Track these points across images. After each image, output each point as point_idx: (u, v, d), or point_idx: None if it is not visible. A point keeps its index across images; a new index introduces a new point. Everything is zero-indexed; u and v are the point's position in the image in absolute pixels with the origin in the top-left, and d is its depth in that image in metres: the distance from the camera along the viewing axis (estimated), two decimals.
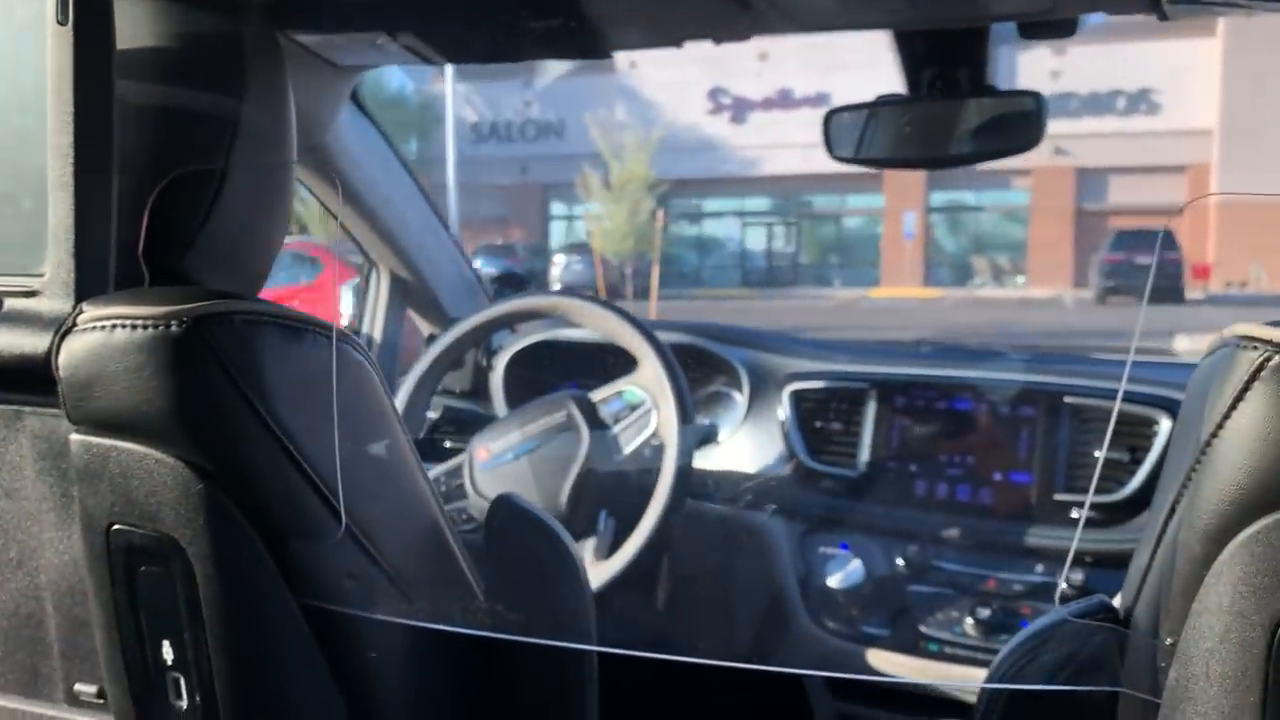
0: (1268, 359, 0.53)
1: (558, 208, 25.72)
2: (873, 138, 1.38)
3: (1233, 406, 0.54)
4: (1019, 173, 21.74)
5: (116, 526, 0.66)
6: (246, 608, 0.66)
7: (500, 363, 1.85)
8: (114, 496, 0.65)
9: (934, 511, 1.53)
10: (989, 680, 0.68)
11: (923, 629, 1.46)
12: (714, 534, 1.62)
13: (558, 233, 25.81)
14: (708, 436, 1.65)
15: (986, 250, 24.19)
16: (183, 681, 0.66)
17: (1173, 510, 0.59)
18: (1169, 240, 14.62)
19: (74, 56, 0.67)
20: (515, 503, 0.85)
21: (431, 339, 1.88)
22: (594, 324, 1.58)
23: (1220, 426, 0.55)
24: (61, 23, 0.67)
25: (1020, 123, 1.30)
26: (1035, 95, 1.29)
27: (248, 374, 0.64)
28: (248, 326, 0.65)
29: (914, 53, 1.29)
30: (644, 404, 1.49)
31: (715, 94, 22.99)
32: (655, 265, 16.85)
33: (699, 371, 1.76)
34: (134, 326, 0.63)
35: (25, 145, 0.70)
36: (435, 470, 1.65)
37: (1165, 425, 1.41)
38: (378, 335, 1.88)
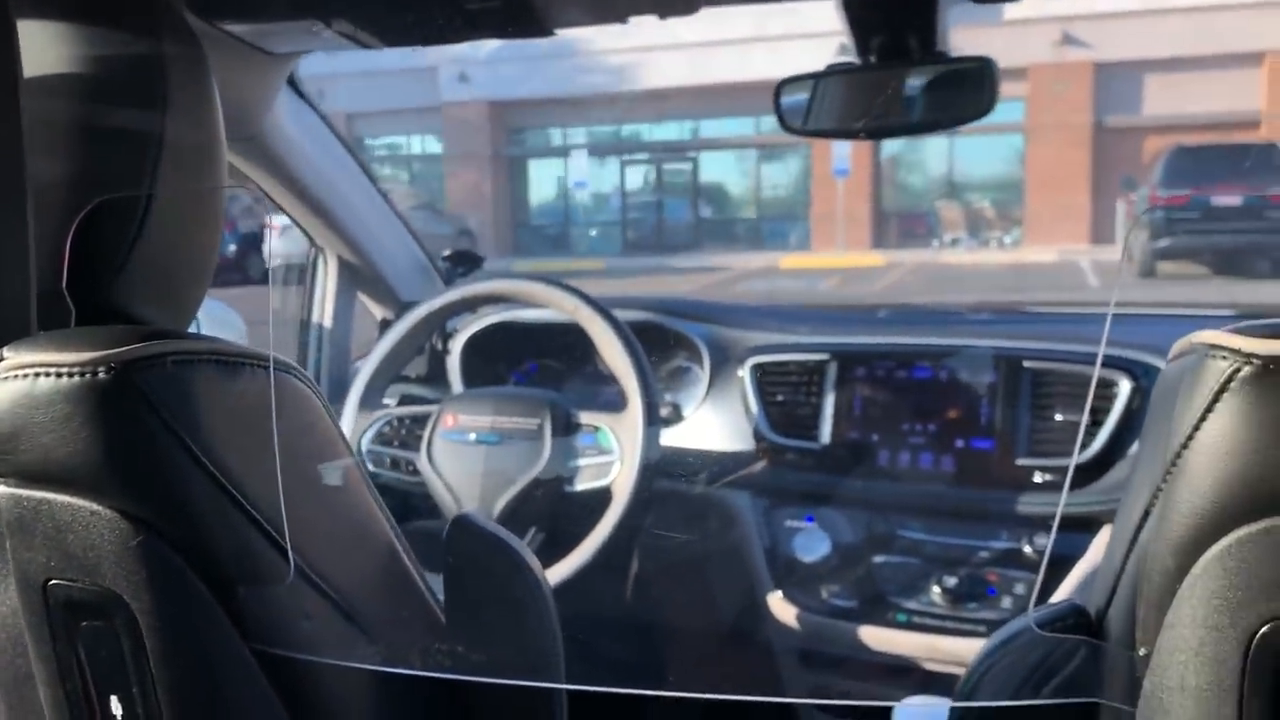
0: (1237, 369, 0.52)
1: None
2: (824, 108, 1.36)
3: (1202, 418, 0.53)
4: (1009, 74, 9.86)
5: (54, 582, 0.63)
6: (196, 659, 0.63)
7: (456, 346, 1.82)
8: (49, 551, 0.62)
9: (897, 481, 1.53)
10: (959, 695, 0.67)
11: (890, 599, 1.46)
12: (679, 512, 1.61)
13: None
14: (671, 417, 1.64)
15: (961, 193, 16.13)
16: None
17: (1144, 518, 0.59)
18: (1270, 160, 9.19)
19: None
20: (475, 523, 0.83)
21: (385, 324, 1.85)
22: (562, 311, 1.54)
23: (1190, 438, 0.54)
24: None
25: (971, 88, 1.29)
26: (986, 60, 1.27)
27: (183, 417, 0.61)
28: (180, 367, 0.62)
29: (863, 19, 1.27)
30: (612, 454, 1.46)
31: None
32: None
33: (660, 349, 1.74)
34: (59, 374, 0.60)
35: None
36: (404, 410, 1.62)
37: (1125, 386, 1.42)
38: (328, 323, 1.84)
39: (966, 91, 1.29)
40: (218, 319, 1.89)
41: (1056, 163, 14.24)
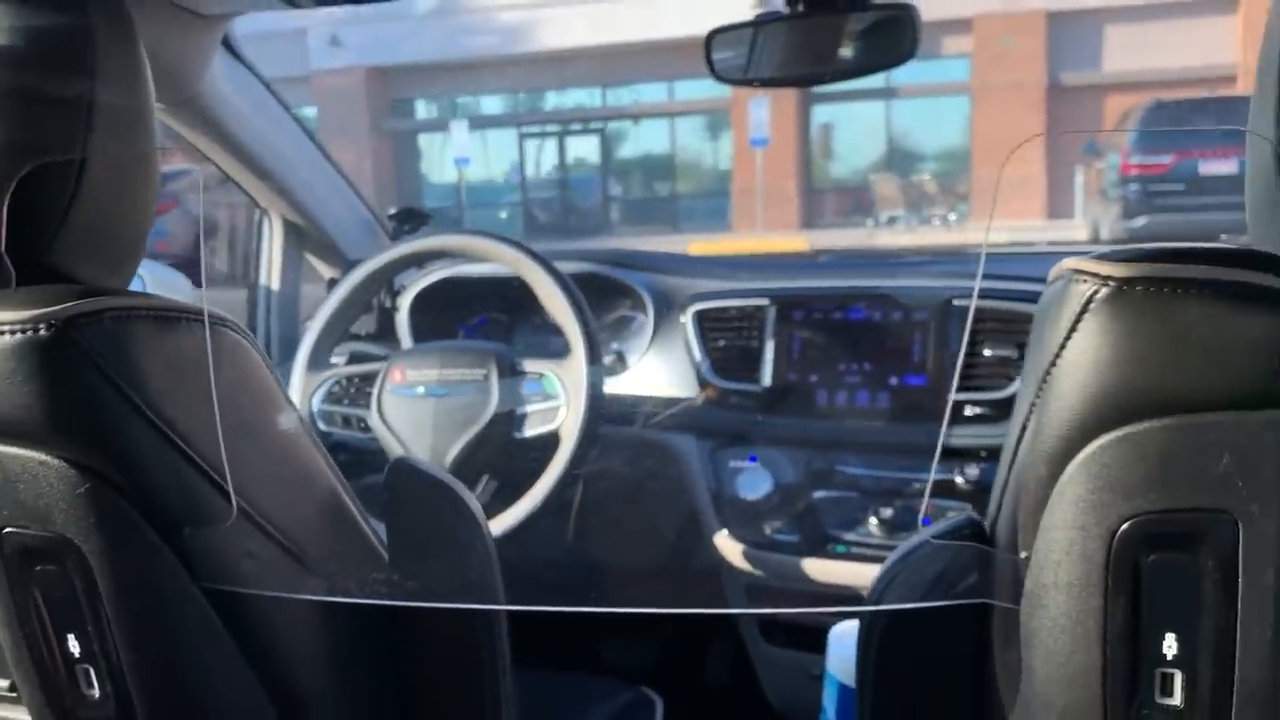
0: (1096, 291, 0.57)
1: None
2: (753, 58, 1.40)
3: (1067, 337, 0.58)
4: (952, 27, 12.00)
5: (8, 530, 0.66)
6: (147, 597, 0.67)
7: (405, 302, 1.85)
8: (2, 501, 0.65)
9: (836, 419, 1.58)
10: (866, 604, 0.73)
11: (830, 532, 1.52)
12: (626, 457, 1.66)
13: None
14: (616, 366, 1.68)
15: (899, 164, 14.17)
16: (92, 672, 0.67)
17: (1022, 433, 0.64)
18: None
19: None
20: (414, 465, 0.86)
21: (333, 284, 1.87)
22: (505, 264, 1.58)
23: (1058, 356, 0.59)
24: None
25: (894, 34, 1.32)
26: (908, 6, 1.31)
27: (123, 370, 0.64)
28: (118, 322, 0.65)
29: None
30: (558, 399, 1.50)
31: None
32: None
33: (604, 299, 1.78)
34: (1, 332, 0.63)
35: None
36: (353, 369, 1.66)
37: None
38: (275, 284, 1.86)
39: (889, 37, 1.33)
40: (165, 283, 1.90)
41: (1007, 127, 12.11)
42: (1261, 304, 0.54)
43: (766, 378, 1.62)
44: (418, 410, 1.53)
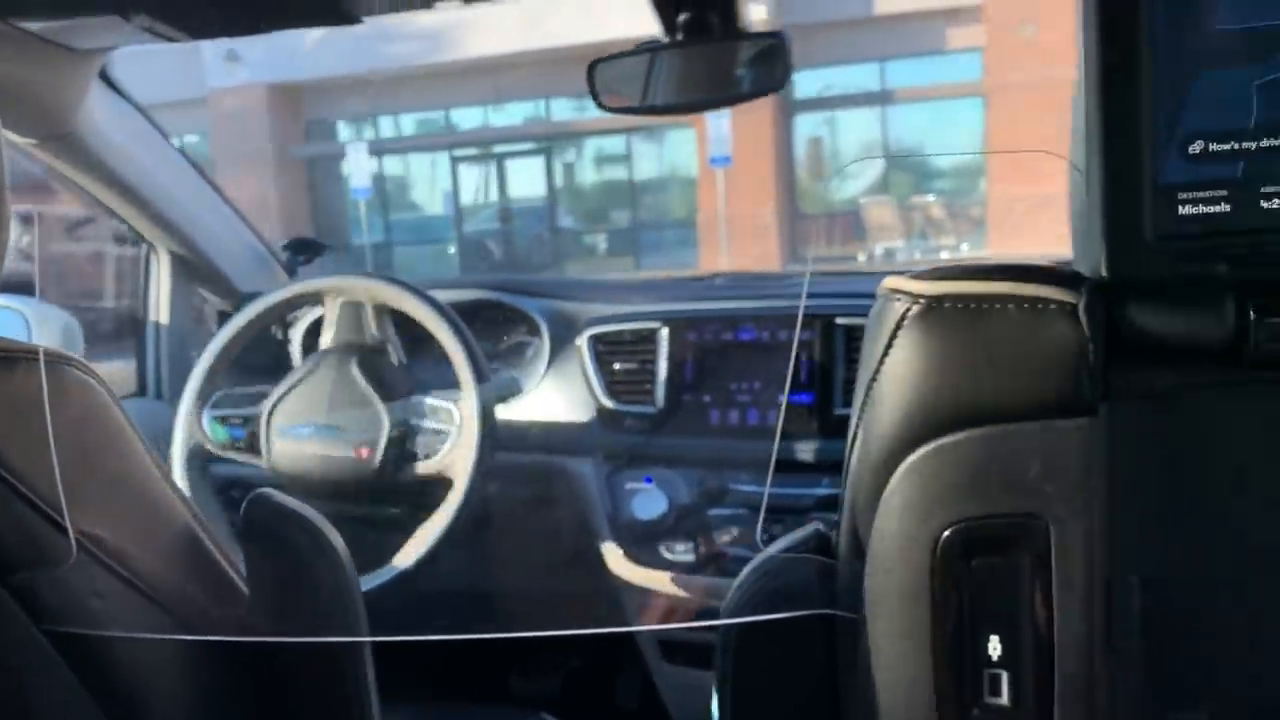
0: (909, 309, 0.59)
1: None
2: (639, 85, 1.42)
3: (885, 353, 0.61)
4: (959, 16, 10.08)
5: None
6: None
7: (296, 335, 1.83)
8: None
9: (727, 438, 1.60)
10: (720, 618, 0.74)
11: (724, 549, 1.54)
12: (524, 483, 1.66)
13: None
14: (510, 390, 1.69)
15: (897, 184, 11.59)
16: None
17: (853, 444, 0.66)
18: None
19: None
20: (272, 499, 0.86)
21: (224, 317, 1.84)
22: (386, 301, 1.58)
23: (878, 371, 0.61)
24: None
25: (768, 61, 1.36)
26: (779, 34, 1.35)
27: None
28: None
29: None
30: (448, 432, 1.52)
31: None
32: None
33: (499, 326, 1.79)
34: None
35: None
36: (239, 411, 1.63)
37: None
38: (163, 319, 1.83)
39: (764, 64, 1.36)
40: (50, 320, 1.84)
41: (1029, 137, 7.50)
42: (1058, 317, 0.57)
43: (660, 399, 1.64)
44: (309, 450, 1.52)
